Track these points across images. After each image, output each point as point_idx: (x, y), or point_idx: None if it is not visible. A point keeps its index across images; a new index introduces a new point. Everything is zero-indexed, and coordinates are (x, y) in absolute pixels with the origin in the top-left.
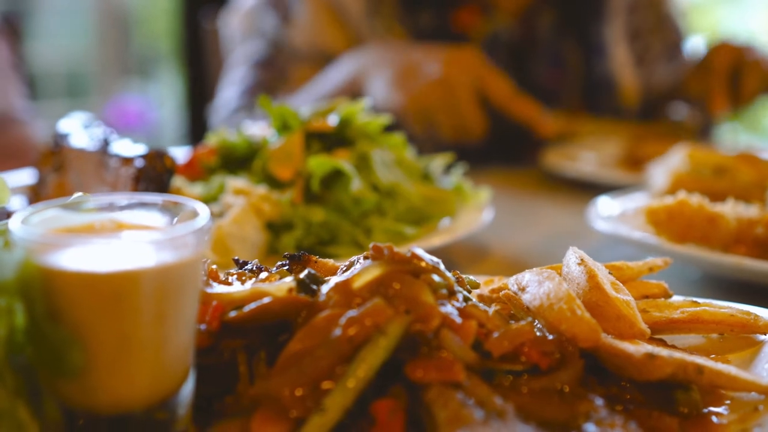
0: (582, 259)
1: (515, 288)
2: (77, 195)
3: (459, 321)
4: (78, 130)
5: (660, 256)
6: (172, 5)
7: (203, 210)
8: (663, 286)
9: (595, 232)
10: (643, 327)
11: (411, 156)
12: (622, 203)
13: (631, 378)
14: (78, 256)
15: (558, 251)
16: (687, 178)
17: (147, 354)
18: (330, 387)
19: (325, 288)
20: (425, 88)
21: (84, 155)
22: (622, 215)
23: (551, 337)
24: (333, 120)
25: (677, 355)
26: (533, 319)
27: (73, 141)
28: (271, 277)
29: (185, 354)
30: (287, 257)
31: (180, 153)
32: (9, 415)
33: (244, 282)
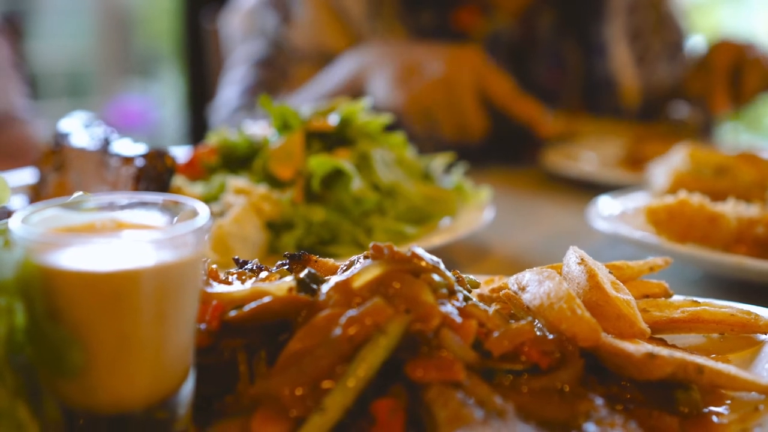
0: (582, 259)
1: (515, 287)
2: (77, 194)
3: (459, 320)
4: (79, 129)
5: (660, 255)
6: (173, 5)
7: (203, 209)
8: (663, 285)
9: (596, 231)
10: (644, 326)
11: (411, 155)
12: (622, 203)
13: (632, 377)
14: (78, 255)
15: (558, 251)
16: (688, 177)
17: (147, 353)
18: (330, 386)
19: (325, 287)
20: (426, 87)
21: (85, 155)
22: (622, 215)
23: (551, 337)
24: (333, 119)
25: (677, 355)
26: (533, 319)
27: (74, 140)
28: (271, 277)
29: (185, 353)
30: (287, 257)
31: (180, 152)
32: (9, 415)
33: (244, 281)
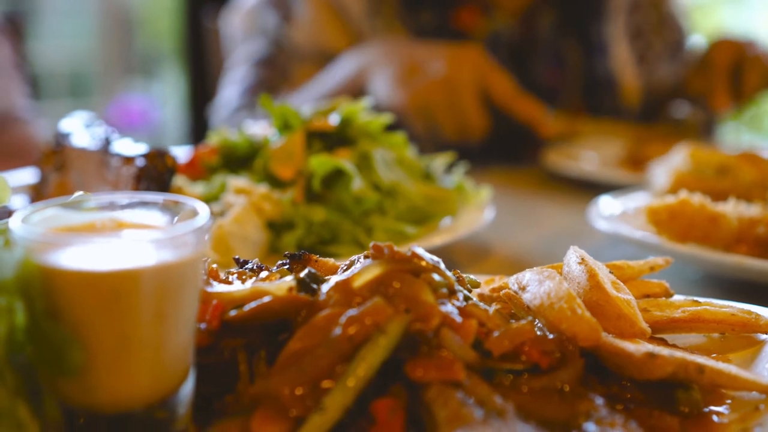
0: (583, 258)
1: (516, 287)
2: (78, 194)
3: (459, 320)
4: (79, 129)
5: (661, 255)
6: (174, 4)
7: (203, 209)
8: (664, 285)
9: (597, 231)
10: (644, 326)
11: (412, 155)
12: (623, 203)
13: (632, 377)
14: (78, 255)
15: (559, 250)
16: (689, 177)
17: (147, 353)
18: (330, 386)
19: (326, 287)
20: (427, 86)
21: (85, 154)
22: (623, 215)
23: (552, 337)
24: (334, 119)
25: (678, 355)
26: (534, 319)
27: (75, 140)
28: (272, 276)
29: (185, 353)
30: (288, 256)
31: (181, 152)
32: (9, 414)
33: (244, 281)
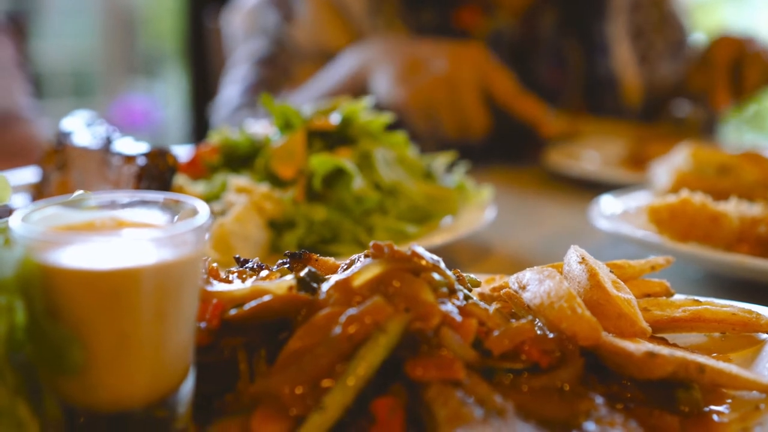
0: (583, 258)
1: (516, 286)
2: (78, 193)
3: (459, 319)
4: (81, 128)
5: (662, 254)
6: (177, 5)
7: (203, 208)
8: (665, 284)
9: (598, 230)
10: (644, 325)
11: (413, 154)
12: (624, 202)
13: (632, 376)
14: (78, 253)
15: (560, 250)
16: (690, 176)
17: (147, 352)
18: (330, 385)
19: (326, 286)
20: (429, 84)
21: (87, 153)
22: (624, 214)
23: (552, 336)
24: (335, 118)
25: (678, 354)
26: (534, 318)
27: (76, 139)
28: (272, 276)
29: (185, 352)
30: (288, 255)
31: (182, 151)
32: (9, 413)
33: (244, 280)
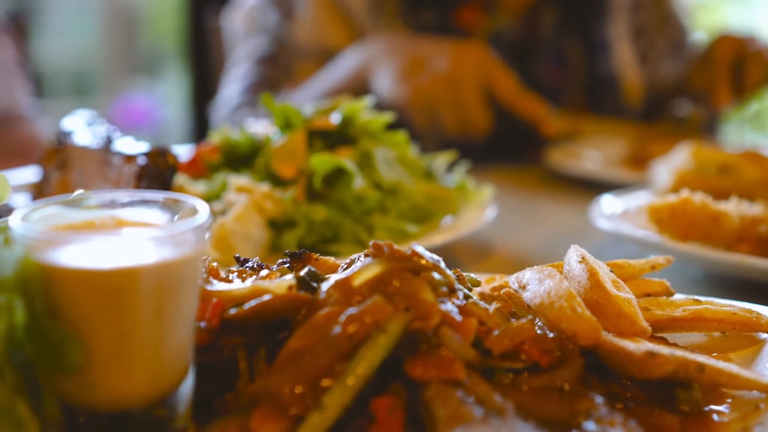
0: (583, 257)
1: (516, 286)
2: (78, 192)
3: (459, 319)
4: (81, 127)
5: (662, 254)
6: (177, 3)
7: (203, 207)
8: (665, 284)
9: (598, 230)
10: (644, 325)
11: (414, 154)
12: (625, 201)
13: (632, 376)
14: (78, 253)
15: (561, 249)
16: (691, 176)
17: (146, 351)
18: (329, 384)
19: (326, 285)
20: (430, 82)
21: (87, 153)
22: (625, 213)
23: (552, 335)
24: (336, 118)
25: (678, 354)
26: (534, 317)
27: (77, 139)
28: (272, 275)
29: (185, 351)
30: (288, 255)
31: (183, 151)
32: (9, 412)
33: (244, 279)
